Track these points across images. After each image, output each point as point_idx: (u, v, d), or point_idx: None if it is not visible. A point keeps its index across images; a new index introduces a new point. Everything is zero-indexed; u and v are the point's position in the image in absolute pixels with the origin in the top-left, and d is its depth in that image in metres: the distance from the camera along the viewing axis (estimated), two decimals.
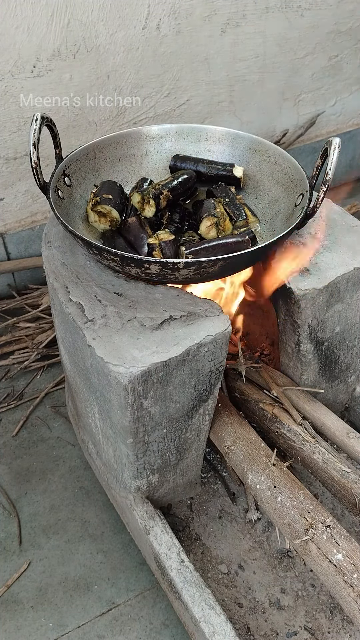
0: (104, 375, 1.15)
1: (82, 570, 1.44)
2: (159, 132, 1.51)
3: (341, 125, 2.65)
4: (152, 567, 1.38)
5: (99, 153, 1.44)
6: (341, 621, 1.29)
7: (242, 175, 1.45)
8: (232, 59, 2.15)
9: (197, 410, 1.28)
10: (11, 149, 1.91)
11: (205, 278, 1.21)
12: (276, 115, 2.42)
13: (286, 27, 2.20)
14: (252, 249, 1.17)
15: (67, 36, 1.80)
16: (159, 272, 1.15)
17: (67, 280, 1.26)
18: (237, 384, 1.51)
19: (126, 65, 1.96)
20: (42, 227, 2.09)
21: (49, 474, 1.64)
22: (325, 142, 1.20)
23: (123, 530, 1.51)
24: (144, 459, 1.29)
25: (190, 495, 1.50)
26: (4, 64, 1.76)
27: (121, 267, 1.19)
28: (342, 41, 2.38)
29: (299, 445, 1.35)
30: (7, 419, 1.80)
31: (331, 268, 1.31)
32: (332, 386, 1.53)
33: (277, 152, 1.42)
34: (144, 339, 1.15)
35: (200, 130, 1.52)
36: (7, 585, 1.42)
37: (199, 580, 1.22)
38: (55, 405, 1.83)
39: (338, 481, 1.27)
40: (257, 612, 1.31)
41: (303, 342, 1.38)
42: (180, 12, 1.95)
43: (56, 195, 1.28)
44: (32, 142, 1.21)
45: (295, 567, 1.38)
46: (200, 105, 2.19)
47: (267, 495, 1.26)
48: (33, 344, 1.94)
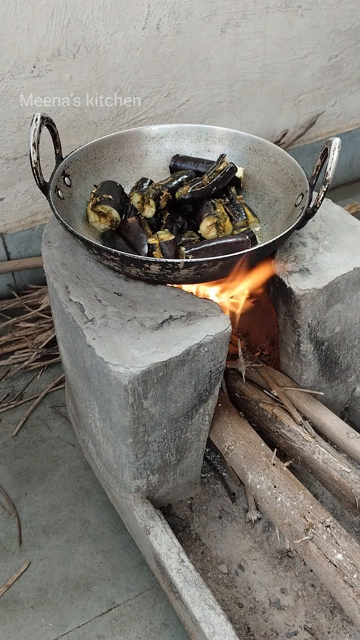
0: (104, 375, 1.15)
1: (82, 570, 1.45)
2: (158, 132, 1.51)
3: (341, 125, 2.65)
4: (152, 567, 1.38)
5: (99, 153, 1.44)
6: (341, 621, 1.29)
7: (242, 176, 1.45)
8: (232, 59, 2.15)
9: (197, 410, 1.28)
10: (11, 149, 1.91)
11: (205, 278, 1.21)
12: (276, 115, 2.42)
13: (286, 27, 2.20)
14: (252, 249, 1.17)
15: (67, 36, 1.80)
16: (159, 272, 1.15)
17: (67, 280, 1.26)
18: (237, 384, 1.51)
19: (126, 65, 1.96)
20: (42, 227, 2.09)
21: (49, 474, 1.64)
22: (325, 142, 1.20)
23: (123, 530, 1.51)
24: (144, 459, 1.29)
25: (190, 495, 1.50)
26: (4, 64, 1.76)
27: (121, 267, 1.19)
28: (342, 41, 2.38)
29: (299, 445, 1.35)
30: (7, 419, 1.80)
31: (331, 268, 1.31)
32: (332, 386, 1.53)
33: (277, 152, 1.42)
34: (144, 339, 1.15)
35: (200, 130, 1.52)
36: (7, 585, 1.42)
37: (199, 580, 1.22)
38: (55, 405, 1.83)
39: (338, 481, 1.27)
40: (257, 612, 1.31)
41: (303, 342, 1.38)
42: (180, 12, 1.95)
43: (56, 195, 1.28)
44: (32, 142, 1.21)
45: (295, 567, 1.38)
46: (200, 105, 2.19)
47: (267, 495, 1.26)
48: (33, 344, 1.94)
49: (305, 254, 1.34)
